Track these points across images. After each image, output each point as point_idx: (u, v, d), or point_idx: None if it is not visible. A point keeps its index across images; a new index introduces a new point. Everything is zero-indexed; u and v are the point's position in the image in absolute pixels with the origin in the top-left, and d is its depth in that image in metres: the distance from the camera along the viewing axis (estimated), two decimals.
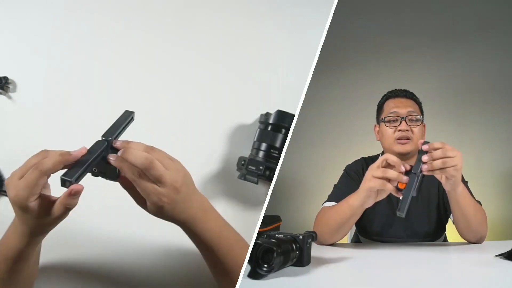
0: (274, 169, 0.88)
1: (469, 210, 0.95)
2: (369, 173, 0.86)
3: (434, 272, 0.77)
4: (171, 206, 0.67)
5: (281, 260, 0.67)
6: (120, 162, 0.65)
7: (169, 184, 0.65)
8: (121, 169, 0.65)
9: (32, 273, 0.78)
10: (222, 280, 0.77)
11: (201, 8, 0.98)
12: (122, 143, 0.67)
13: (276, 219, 1.14)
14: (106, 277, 0.89)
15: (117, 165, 0.65)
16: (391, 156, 0.85)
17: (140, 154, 0.64)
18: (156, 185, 0.65)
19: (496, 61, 1.61)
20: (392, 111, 1.10)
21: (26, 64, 0.94)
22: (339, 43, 1.54)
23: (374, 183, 0.85)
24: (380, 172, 0.84)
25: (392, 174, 0.83)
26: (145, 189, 0.65)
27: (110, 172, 0.67)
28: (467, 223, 0.97)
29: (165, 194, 0.66)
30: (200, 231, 0.72)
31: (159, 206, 0.66)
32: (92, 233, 0.90)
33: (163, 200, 0.66)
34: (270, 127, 0.90)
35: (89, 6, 0.96)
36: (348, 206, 0.92)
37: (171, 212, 0.68)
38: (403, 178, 0.82)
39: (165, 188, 0.65)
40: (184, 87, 0.96)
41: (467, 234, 1.00)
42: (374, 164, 0.86)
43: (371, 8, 1.61)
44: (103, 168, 0.67)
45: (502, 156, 1.63)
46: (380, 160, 0.86)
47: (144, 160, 0.63)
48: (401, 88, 1.16)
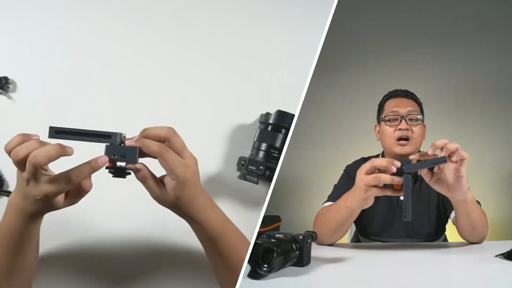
0: (274, 169, 0.88)
1: (476, 217, 0.94)
2: (362, 182, 0.81)
3: (434, 272, 0.77)
4: (194, 182, 0.69)
5: (281, 260, 0.67)
6: (142, 140, 0.65)
7: (190, 155, 0.69)
8: (145, 147, 0.65)
9: (33, 261, 0.78)
10: (225, 277, 0.77)
11: (201, 8, 0.98)
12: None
13: (276, 219, 1.14)
14: (106, 273, 0.89)
15: (140, 143, 0.65)
16: (378, 161, 0.81)
17: (161, 127, 0.66)
18: (181, 157, 0.67)
19: (496, 61, 1.61)
20: (392, 110, 1.10)
21: (26, 64, 0.94)
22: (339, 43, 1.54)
23: (372, 192, 0.81)
24: (374, 180, 0.80)
25: (385, 179, 0.79)
26: (172, 161, 0.66)
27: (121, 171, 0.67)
28: (472, 229, 0.97)
29: (190, 165, 0.68)
30: (209, 222, 0.73)
31: (186, 179, 0.67)
32: (93, 231, 0.90)
33: (188, 171, 0.67)
34: (270, 127, 0.90)
35: (89, 6, 0.96)
36: (345, 208, 0.90)
37: (193, 190, 0.69)
38: (397, 180, 0.78)
39: (188, 159, 0.68)
40: (184, 87, 0.96)
41: (470, 236, 1.00)
42: (362, 171, 0.82)
43: (371, 8, 1.61)
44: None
45: (502, 156, 1.63)
46: (367, 166, 0.81)
47: (167, 129, 0.66)
48: (401, 88, 1.16)
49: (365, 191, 0.81)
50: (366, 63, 1.64)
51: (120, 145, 0.65)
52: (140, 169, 0.67)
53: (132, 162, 0.66)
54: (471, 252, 0.95)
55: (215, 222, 0.74)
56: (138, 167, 0.67)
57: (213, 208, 0.75)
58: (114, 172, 0.67)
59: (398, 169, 0.78)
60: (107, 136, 0.65)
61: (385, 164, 0.79)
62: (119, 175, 0.67)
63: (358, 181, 0.82)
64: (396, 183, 0.78)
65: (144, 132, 0.66)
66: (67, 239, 0.88)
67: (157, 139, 0.66)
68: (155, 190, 0.69)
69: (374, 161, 0.81)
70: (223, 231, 0.75)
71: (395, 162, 0.78)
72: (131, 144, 0.65)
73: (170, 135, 0.66)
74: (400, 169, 0.78)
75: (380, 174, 0.80)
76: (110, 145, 0.65)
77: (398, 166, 0.78)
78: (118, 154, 0.66)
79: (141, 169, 0.67)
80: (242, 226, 0.80)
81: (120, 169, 0.67)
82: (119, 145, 0.65)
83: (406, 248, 1.01)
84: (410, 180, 0.76)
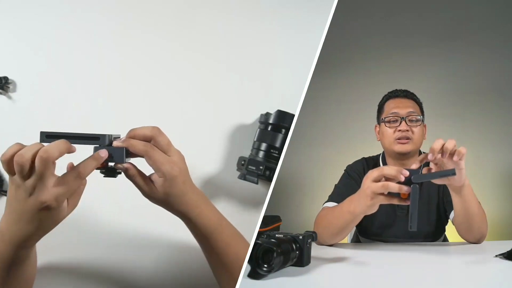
0: (274, 169, 0.88)
1: (473, 209, 0.94)
2: (369, 189, 0.81)
3: (434, 272, 0.77)
4: (182, 179, 0.70)
5: (281, 260, 0.67)
6: (128, 140, 0.67)
7: (177, 152, 0.70)
8: (131, 146, 0.67)
9: (30, 275, 0.77)
10: (222, 274, 0.77)
11: (201, 8, 0.98)
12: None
13: (276, 219, 1.14)
14: (106, 276, 0.89)
15: (126, 144, 0.67)
16: (387, 170, 0.80)
17: (146, 127, 0.68)
18: (167, 154, 0.69)
19: (496, 61, 1.61)
20: (392, 112, 1.10)
21: (26, 64, 0.94)
22: (339, 43, 1.54)
23: (378, 200, 0.81)
24: (382, 188, 0.79)
25: (393, 188, 0.78)
26: (159, 159, 0.67)
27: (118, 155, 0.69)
28: (470, 223, 0.96)
29: (176, 162, 0.69)
30: (202, 219, 0.74)
31: (173, 176, 0.68)
32: (93, 232, 0.90)
33: (175, 169, 0.68)
34: (270, 127, 0.90)
35: (89, 6, 0.96)
36: (348, 213, 0.89)
37: (181, 186, 0.70)
38: (405, 189, 0.78)
39: (174, 157, 0.69)
40: (184, 87, 0.96)
41: (468, 234, 0.99)
42: (369, 178, 0.81)
43: (371, 8, 1.61)
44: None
45: (502, 156, 1.63)
46: (375, 174, 0.81)
47: (151, 128, 0.68)
48: (401, 88, 1.16)
49: (371, 198, 0.81)
50: (366, 63, 1.64)
51: (108, 146, 0.68)
52: (128, 168, 0.69)
53: (119, 162, 0.68)
54: (471, 252, 0.95)
55: (209, 219, 0.75)
56: (126, 167, 0.69)
57: (206, 205, 0.76)
58: (105, 172, 0.70)
59: (406, 178, 0.78)
60: (95, 138, 0.67)
61: (394, 173, 0.79)
62: (110, 175, 0.70)
63: (365, 188, 0.82)
64: (404, 192, 0.78)
65: (130, 133, 0.68)
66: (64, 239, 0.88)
67: (143, 138, 0.68)
68: (144, 188, 0.70)
69: (382, 169, 0.81)
70: (218, 228, 0.75)
71: (403, 171, 0.78)
72: (118, 144, 0.67)
73: (155, 133, 0.68)
74: (408, 178, 0.78)
75: (388, 182, 0.79)
76: (98, 146, 0.67)
77: (406, 175, 0.78)
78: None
79: (128, 168, 0.69)
80: (242, 226, 0.80)
81: (110, 169, 0.70)
82: (106, 146, 0.67)
83: (406, 248, 1.01)
84: (418, 190, 0.76)
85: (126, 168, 0.69)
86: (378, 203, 0.82)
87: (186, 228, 0.76)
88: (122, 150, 0.68)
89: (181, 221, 0.75)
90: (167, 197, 0.70)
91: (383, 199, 0.81)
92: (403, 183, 0.78)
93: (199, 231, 0.75)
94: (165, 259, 0.91)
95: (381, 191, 0.80)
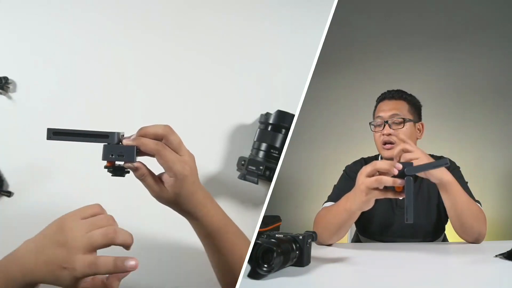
0: (274, 169, 0.88)
1: (462, 205, 0.94)
2: (363, 184, 0.81)
3: (434, 272, 0.77)
4: (192, 179, 0.69)
5: (281, 260, 0.67)
6: (140, 139, 0.66)
7: (187, 151, 0.69)
8: (142, 145, 0.65)
9: None
10: (226, 274, 0.77)
11: (201, 8, 0.98)
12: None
13: (276, 219, 1.14)
14: None
15: (137, 142, 0.65)
16: (380, 164, 0.81)
17: (157, 125, 0.67)
18: (178, 154, 0.67)
19: (496, 61, 1.61)
20: (377, 116, 1.12)
21: (26, 64, 0.94)
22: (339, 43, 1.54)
23: (373, 195, 0.82)
24: (375, 182, 0.80)
25: (387, 181, 0.79)
26: (170, 158, 0.66)
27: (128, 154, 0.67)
28: (461, 221, 0.96)
29: (187, 162, 0.68)
30: (209, 218, 0.73)
31: (184, 176, 0.67)
32: None
33: (186, 168, 0.67)
34: (270, 127, 0.90)
35: (89, 6, 0.96)
36: (345, 210, 0.90)
37: (191, 186, 0.69)
38: (399, 182, 0.78)
39: (185, 156, 0.68)
40: (184, 87, 0.96)
41: (463, 232, 0.99)
42: (363, 173, 0.82)
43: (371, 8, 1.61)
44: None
45: (502, 156, 1.63)
46: (368, 169, 0.82)
47: (163, 127, 0.67)
48: (394, 89, 1.16)
49: (366, 193, 0.81)
50: (366, 63, 1.64)
51: (118, 145, 0.66)
52: (138, 167, 0.67)
53: (129, 161, 0.66)
54: (471, 252, 0.95)
55: (215, 218, 0.74)
56: (136, 166, 0.67)
57: (212, 205, 0.75)
58: (112, 171, 0.68)
59: (399, 171, 0.78)
60: (104, 136, 0.66)
61: (387, 167, 0.79)
62: (118, 174, 0.68)
63: (359, 184, 0.82)
64: (398, 185, 0.78)
65: (141, 131, 0.66)
66: None
67: (154, 137, 0.66)
68: (154, 188, 0.69)
69: (375, 164, 0.82)
70: (223, 228, 0.75)
71: (396, 164, 0.79)
72: (128, 143, 0.66)
73: (167, 132, 0.67)
74: (402, 171, 0.78)
75: (382, 176, 0.80)
76: (108, 144, 0.66)
77: (399, 169, 0.78)
78: (116, 154, 0.66)
79: (139, 167, 0.67)
80: (242, 226, 0.80)
81: (118, 168, 0.68)
82: (116, 145, 0.66)
83: (406, 248, 1.01)
84: (411, 182, 0.76)
85: (136, 168, 0.67)
86: (373, 198, 0.82)
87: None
88: (132, 148, 0.66)
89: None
90: (176, 197, 0.69)
91: (377, 194, 0.81)
92: (397, 176, 0.78)
93: (205, 230, 0.74)
94: (165, 259, 0.91)
95: (375, 186, 0.80)
